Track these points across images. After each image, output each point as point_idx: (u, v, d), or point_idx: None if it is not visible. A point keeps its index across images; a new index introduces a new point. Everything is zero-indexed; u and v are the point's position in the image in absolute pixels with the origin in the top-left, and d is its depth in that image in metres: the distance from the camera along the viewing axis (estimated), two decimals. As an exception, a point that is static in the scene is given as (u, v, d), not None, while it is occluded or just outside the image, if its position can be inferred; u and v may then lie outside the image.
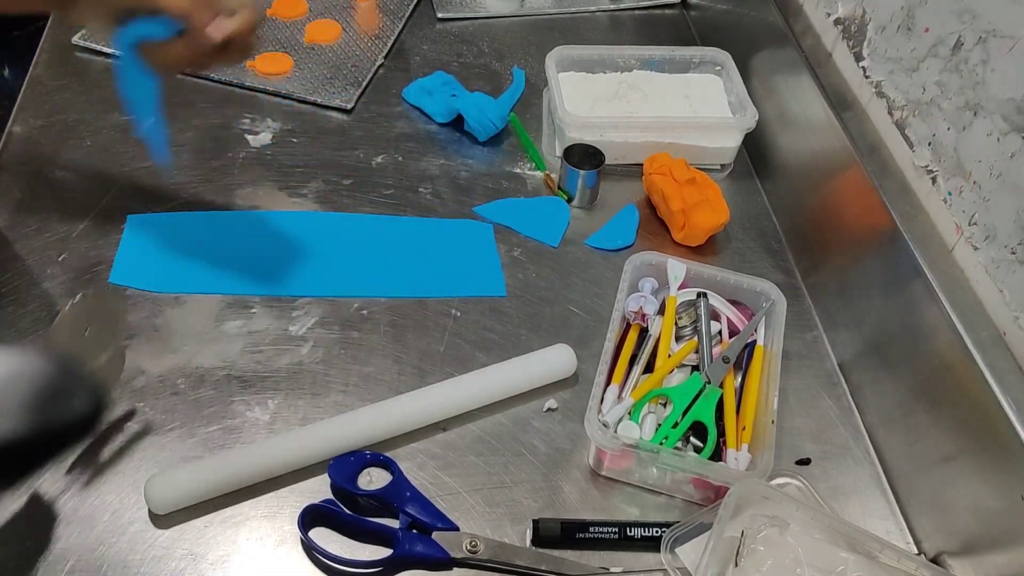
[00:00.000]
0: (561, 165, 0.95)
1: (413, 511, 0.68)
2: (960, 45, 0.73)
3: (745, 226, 0.97)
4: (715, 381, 0.76)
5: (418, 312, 0.85)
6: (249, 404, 0.76)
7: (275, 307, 0.84)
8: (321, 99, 1.05)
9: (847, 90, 0.90)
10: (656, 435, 0.73)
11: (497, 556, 0.67)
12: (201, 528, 0.68)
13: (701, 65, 1.07)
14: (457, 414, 0.76)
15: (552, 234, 0.94)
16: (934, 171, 0.76)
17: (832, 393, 0.83)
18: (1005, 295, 0.68)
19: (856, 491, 0.76)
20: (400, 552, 0.66)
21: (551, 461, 0.75)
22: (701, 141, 1.00)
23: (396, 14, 1.19)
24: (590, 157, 0.95)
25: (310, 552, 0.67)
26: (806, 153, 0.94)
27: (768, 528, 0.66)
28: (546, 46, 1.07)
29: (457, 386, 0.77)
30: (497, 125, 1.01)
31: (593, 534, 0.69)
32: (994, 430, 0.64)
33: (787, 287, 0.88)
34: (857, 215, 0.84)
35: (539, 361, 0.79)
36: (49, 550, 0.66)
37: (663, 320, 0.80)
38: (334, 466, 0.71)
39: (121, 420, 0.74)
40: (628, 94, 1.04)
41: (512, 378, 0.78)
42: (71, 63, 1.06)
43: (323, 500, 0.69)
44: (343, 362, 0.80)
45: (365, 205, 0.94)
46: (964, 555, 0.68)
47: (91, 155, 0.96)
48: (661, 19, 1.25)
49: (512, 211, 0.95)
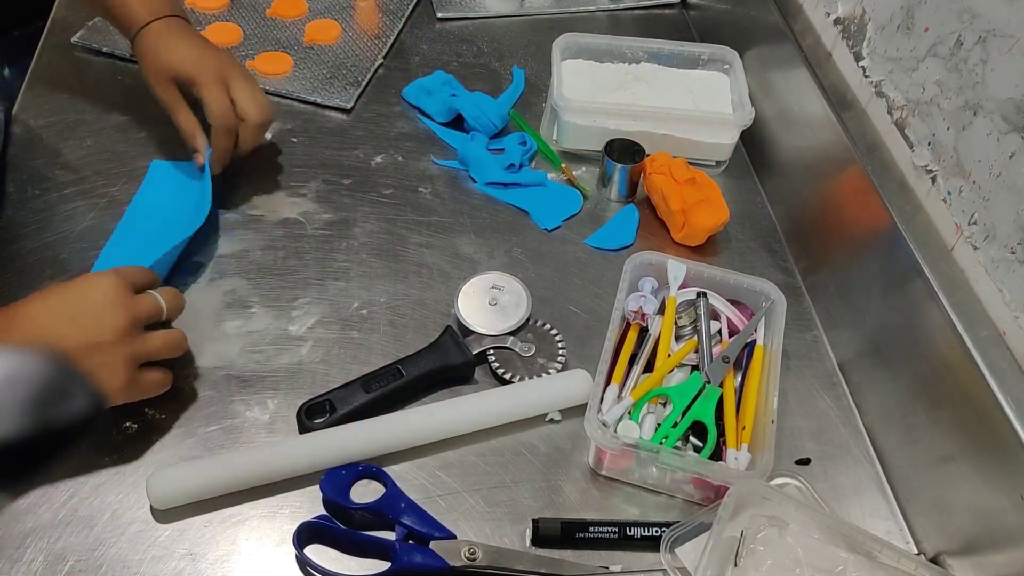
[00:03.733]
0: (601, 159, 0.96)
1: (409, 522, 0.68)
2: (960, 45, 0.73)
3: (745, 226, 0.97)
4: (715, 381, 0.76)
5: (418, 312, 0.85)
6: (248, 404, 0.76)
7: (274, 307, 0.84)
8: (321, 99, 1.05)
9: (847, 90, 0.90)
10: (656, 435, 0.73)
11: (496, 562, 0.67)
12: (201, 528, 0.68)
13: (709, 63, 1.07)
14: (469, 432, 0.75)
15: (549, 219, 0.94)
16: (934, 171, 0.76)
17: (832, 393, 0.83)
18: (1005, 295, 0.68)
19: (856, 491, 0.76)
20: (399, 564, 0.66)
21: (551, 461, 0.75)
22: (696, 135, 1.00)
23: (396, 14, 1.19)
24: (630, 152, 0.96)
25: (308, 572, 0.67)
26: (806, 153, 0.94)
27: (768, 528, 0.66)
28: (546, 46, 1.08)
29: (469, 406, 0.76)
30: (497, 124, 1.01)
31: (593, 534, 0.69)
32: (994, 430, 0.64)
33: (787, 287, 0.88)
34: (857, 215, 0.84)
35: (555, 389, 0.78)
36: (49, 550, 0.66)
37: (663, 320, 0.80)
38: (326, 480, 0.70)
39: (121, 420, 0.74)
40: (633, 85, 1.05)
41: (525, 403, 0.77)
42: (71, 63, 1.06)
43: (317, 516, 0.68)
44: (343, 362, 0.80)
45: (365, 205, 0.94)
46: (964, 555, 0.68)
47: (91, 155, 0.96)
48: (661, 19, 1.25)
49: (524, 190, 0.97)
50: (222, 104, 0.87)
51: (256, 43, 1.12)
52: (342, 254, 0.89)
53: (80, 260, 0.85)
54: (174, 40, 0.89)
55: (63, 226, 0.88)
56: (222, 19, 1.15)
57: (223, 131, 0.89)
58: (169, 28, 0.90)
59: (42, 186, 0.92)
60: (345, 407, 0.74)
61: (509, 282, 0.84)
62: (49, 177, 0.93)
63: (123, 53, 1.06)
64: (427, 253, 0.90)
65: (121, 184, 0.93)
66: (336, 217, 0.93)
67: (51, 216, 0.89)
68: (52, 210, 0.89)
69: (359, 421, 0.73)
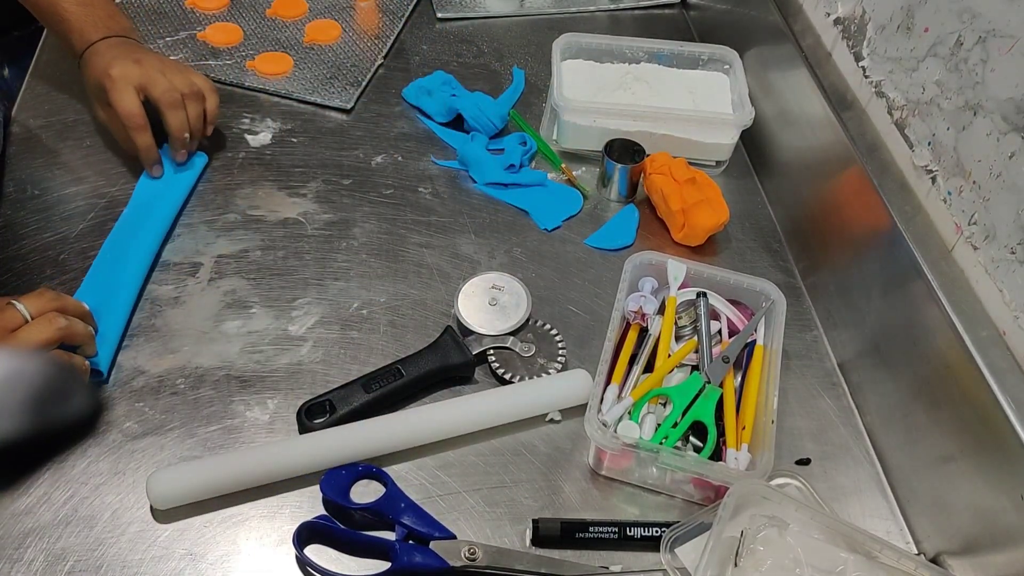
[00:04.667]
0: (601, 159, 0.96)
1: (409, 522, 0.68)
2: (960, 45, 0.73)
3: (745, 226, 0.97)
4: (715, 381, 0.76)
5: (418, 312, 0.85)
6: (248, 404, 0.76)
7: (274, 307, 0.84)
8: (321, 99, 1.05)
9: (847, 90, 0.90)
10: (656, 435, 0.73)
11: (496, 562, 0.67)
12: (201, 528, 0.68)
13: (710, 63, 1.07)
14: (469, 432, 0.75)
15: (549, 219, 0.94)
16: (934, 171, 0.76)
17: (832, 393, 0.83)
18: (1005, 295, 0.68)
19: (856, 491, 0.76)
20: (399, 564, 0.66)
21: (551, 461, 0.75)
22: (696, 136, 1.00)
23: (396, 14, 1.19)
24: (630, 152, 0.96)
25: (308, 572, 0.67)
26: (806, 153, 0.94)
27: (768, 528, 0.66)
28: (546, 46, 1.08)
29: (469, 406, 0.76)
30: (497, 124, 1.01)
31: (593, 534, 0.69)
32: (994, 430, 0.64)
33: (787, 287, 0.88)
34: (857, 215, 0.84)
35: (555, 389, 0.78)
36: (49, 550, 0.66)
37: (663, 320, 0.80)
38: (326, 480, 0.70)
39: (121, 420, 0.74)
40: (633, 85, 1.05)
41: (525, 403, 0.77)
42: (71, 63, 1.06)
43: (317, 516, 0.68)
44: (343, 362, 0.80)
45: (365, 205, 0.94)
46: (964, 555, 0.68)
47: (91, 155, 0.96)
48: (661, 19, 1.25)
49: (524, 190, 0.97)
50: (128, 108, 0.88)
51: (256, 43, 1.12)
52: (342, 254, 0.89)
53: (79, 260, 0.85)
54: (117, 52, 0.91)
55: (63, 226, 0.88)
56: (222, 19, 1.14)
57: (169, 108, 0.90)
58: (119, 45, 0.91)
59: (42, 186, 0.92)
60: (345, 407, 0.74)
61: (509, 282, 0.84)
62: (49, 177, 0.93)
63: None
64: (427, 253, 0.90)
65: (121, 184, 0.93)
66: (336, 217, 0.93)
67: (51, 216, 0.89)
68: (52, 210, 0.89)
69: (359, 421, 0.73)
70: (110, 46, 0.92)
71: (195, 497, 0.69)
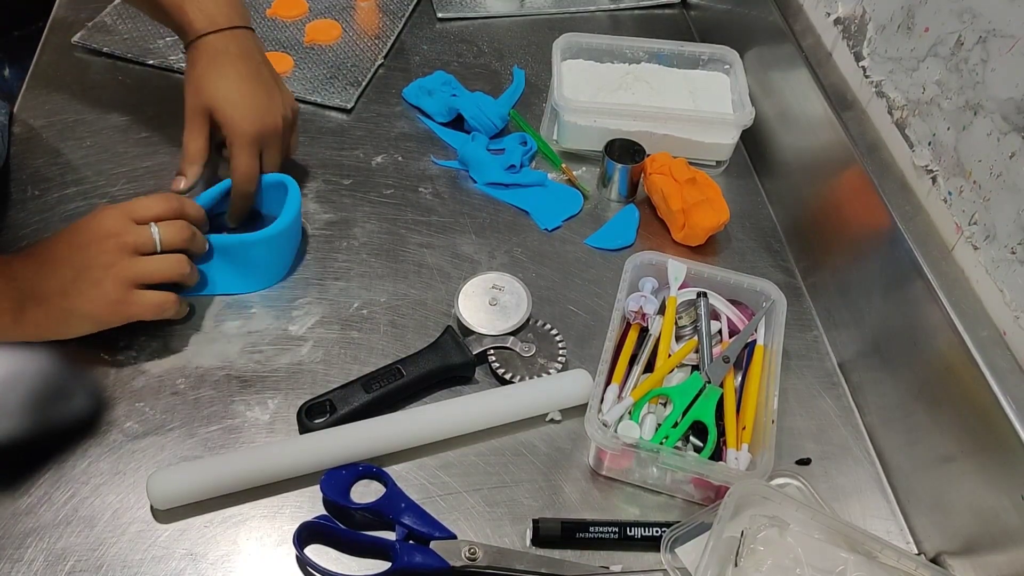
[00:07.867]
0: (601, 159, 0.96)
1: (409, 522, 0.68)
2: (960, 45, 0.73)
3: (745, 226, 0.97)
4: (715, 381, 0.76)
5: (419, 312, 0.85)
6: (249, 404, 0.76)
7: (275, 307, 0.84)
8: (321, 99, 1.05)
9: (847, 90, 0.90)
10: (656, 435, 0.73)
11: (496, 562, 0.67)
12: (201, 528, 0.68)
13: (710, 63, 1.07)
14: (469, 432, 0.75)
15: (549, 220, 0.94)
16: (934, 171, 0.76)
17: (832, 393, 0.83)
18: (1005, 295, 0.68)
19: (856, 491, 0.76)
20: (399, 564, 0.66)
21: (551, 461, 0.75)
22: (696, 136, 1.00)
23: (396, 14, 1.19)
24: (630, 152, 0.96)
25: (308, 572, 0.67)
26: (806, 153, 0.94)
27: (768, 528, 0.66)
28: (546, 46, 1.08)
29: (469, 406, 0.76)
30: (497, 124, 1.01)
31: (593, 534, 0.69)
32: (994, 430, 0.64)
33: (787, 287, 0.88)
34: (857, 215, 0.84)
35: (556, 389, 0.78)
36: (49, 550, 0.66)
37: (663, 320, 0.80)
38: (326, 480, 0.70)
39: (121, 420, 0.74)
40: (633, 85, 1.05)
41: (525, 403, 0.77)
42: (71, 63, 1.06)
43: (317, 516, 0.68)
44: (343, 362, 0.80)
45: (365, 205, 0.94)
46: (964, 555, 0.68)
47: (91, 155, 0.96)
48: (661, 19, 1.25)
49: (524, 190, 0.97)
50: (246, 171, 0.84)
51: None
52: (342, 254, 0.89)
53: (80, 260, 0.85)
54: (226, 68, 0.83)
55: (63, 226, 0.87)
56: (222, 19, 1.14)
57: (240, 195, 0.85)
58: (226, 49, 0.84)
59: (42, 186, 0.92)
60: (345, 407, 0.74)
61: (509, 282, 0.84)
62: (49, 177, 0.93)
63: (123, 53, 1.07)
64: (427, 253, 0.90)
65: (121, 184, 0.93)
66: (336, 217, 0.93)
67: (51, 216, 0.89)
68: (52, 210, 0.89)
69: (359, 421, 0.73)
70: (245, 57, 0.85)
71: (195, 497, 0.69)
